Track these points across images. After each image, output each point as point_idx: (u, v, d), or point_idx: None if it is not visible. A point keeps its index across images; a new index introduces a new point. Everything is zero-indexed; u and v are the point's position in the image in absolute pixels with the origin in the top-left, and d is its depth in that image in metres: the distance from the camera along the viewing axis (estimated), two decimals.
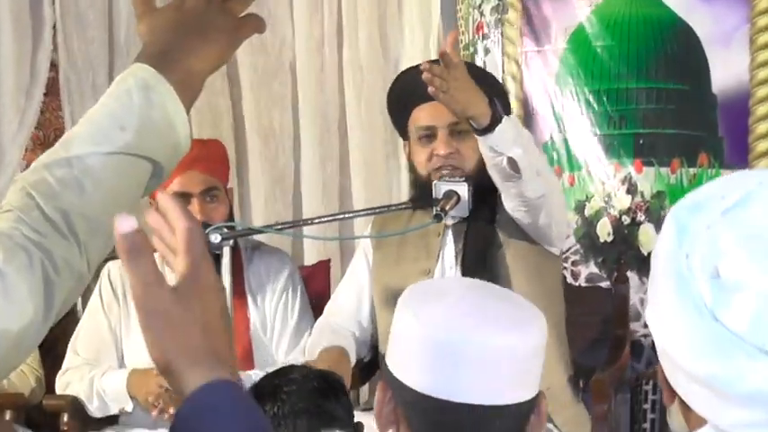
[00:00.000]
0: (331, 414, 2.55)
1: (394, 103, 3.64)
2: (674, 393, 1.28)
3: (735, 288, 1.17)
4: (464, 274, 3.45)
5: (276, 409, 2.57)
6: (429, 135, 3.47)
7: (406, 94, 3.56)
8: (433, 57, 4.67)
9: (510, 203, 3.34)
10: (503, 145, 3.18)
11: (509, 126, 3.19)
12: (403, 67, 4.76)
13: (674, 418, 1.33)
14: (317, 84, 4.85)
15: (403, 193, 4.74)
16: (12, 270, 1.40)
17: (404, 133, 3.60)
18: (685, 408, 1.27)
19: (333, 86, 4.87)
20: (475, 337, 1.65)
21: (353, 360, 3.58)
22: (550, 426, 3.44)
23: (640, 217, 4.47)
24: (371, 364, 3.72)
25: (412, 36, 4.80)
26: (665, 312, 1.23)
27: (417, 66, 3.72)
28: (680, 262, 1.21)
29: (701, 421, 1.24)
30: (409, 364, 1.71)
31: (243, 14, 1.57)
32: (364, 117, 4.84)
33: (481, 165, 3.39)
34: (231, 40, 1.57)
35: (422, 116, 3.50)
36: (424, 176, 3.45)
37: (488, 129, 3.17)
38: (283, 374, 2.70)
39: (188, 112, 1.50)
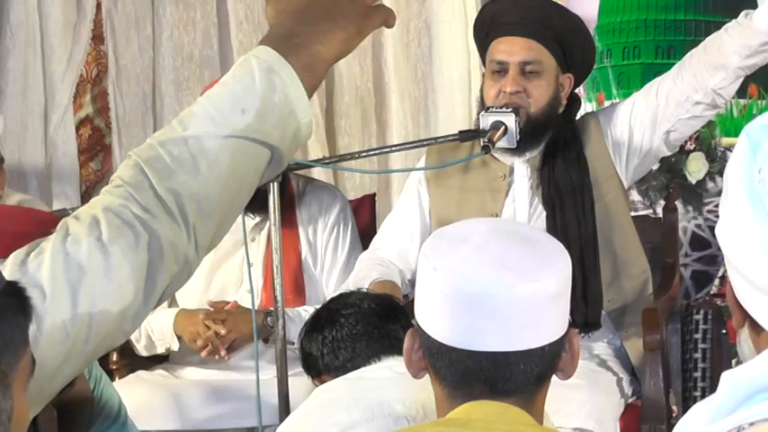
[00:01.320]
0: (392, 336, 2.53)
1: (477, 31, 3.67)
2: (744, 316, 1.29)
3: None
4: (548, 212, 3.48)
5: (335, 332, 2.57)
6: (500, 71, 3.49)
7: (487, 25, 3.59)
8: None
9: (726, 83, 3.41)
10: None
11: None
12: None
13: (744, 343, 1.32)
14: None
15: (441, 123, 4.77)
16: (116, 249, 1.41)
17: (484, 63, 3.64)
18: (755, 331, 1.29)
19: None
20: (492, 288, 1.68)
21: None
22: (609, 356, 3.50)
23: (690, 145, 4.49)
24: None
25: None
26: (737, 225, 1.25)
27: None
28: (752, 176, 1.23)
29: None
30: (430, 314, 1.74)
31: (374, 4, 1.56)
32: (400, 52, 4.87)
33: (551, 105, 3.47)
34: (359, 29, 1.54)
35: (497, 50, 3.52)
36: None
37: None
38: (341, 300, 2.70)
39: (310, 98, 1.48)
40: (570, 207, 3.47)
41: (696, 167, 4.44)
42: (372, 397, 2.27)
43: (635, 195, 4.46)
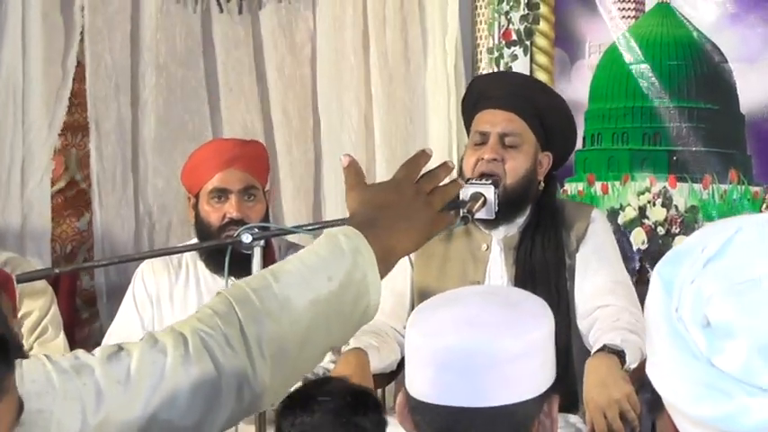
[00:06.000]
0: (358, 426, 2.80)
1: (464, 104, 3.95)
2: None
3: (726, 335, 1.25)
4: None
5: (305, 417, 2.84)
6: (482, 142, 3.74)
7: (474, 98, 3.87)
8: (449, 60, 4.96)
9: None
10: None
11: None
12: (424, 73, 5.04)
13: None
14: (338, 88, 5.11)
15: None
16: (196, 370, 1.60)
17: (468, 137, 3.89)
18: None
19: (354, 91, 5.12)
20: (455, 343, 1.80)
21: (390, 360, 3.79)
22: None
23: (675, 229, 4.75)
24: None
25: (433, 40, 5.08)
26: (665, 365, 1.31)
27: (491, 73, 3.96)
28: (671, 315, 1.30)
29: None
30: (409, 372, 1.89)
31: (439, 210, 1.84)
32: (391, 121, 5.10)
33: (527, 179, 3.71)
34: (427, 232, 1.81)
35: (481, 121, 3.79)
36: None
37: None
38: (320, 385, 2.96)
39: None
40: (543, 292, 3.56)
41: None
42: None
43: None
